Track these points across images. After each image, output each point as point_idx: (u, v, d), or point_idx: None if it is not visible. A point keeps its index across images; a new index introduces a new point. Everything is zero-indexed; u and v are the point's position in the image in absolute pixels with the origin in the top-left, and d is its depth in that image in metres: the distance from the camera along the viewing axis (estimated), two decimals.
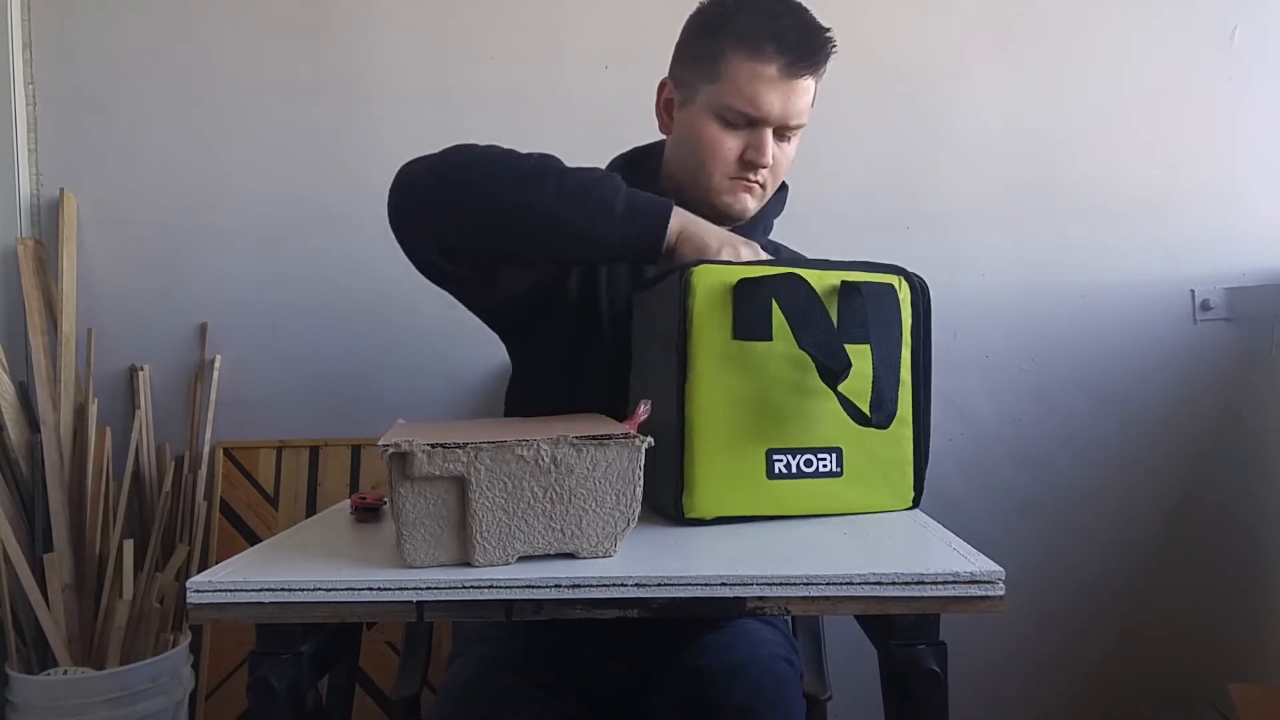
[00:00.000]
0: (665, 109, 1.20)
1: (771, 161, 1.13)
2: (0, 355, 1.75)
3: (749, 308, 0.91)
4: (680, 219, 1.02)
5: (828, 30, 1.11)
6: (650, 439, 0.80)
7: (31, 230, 1.86)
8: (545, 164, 1.05)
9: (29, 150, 1.87)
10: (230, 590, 0.75)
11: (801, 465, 0.92)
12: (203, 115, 1.87)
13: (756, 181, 1.14)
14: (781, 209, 1.30)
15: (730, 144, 1.12)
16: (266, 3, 1.87)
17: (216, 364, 1.87)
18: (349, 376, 1.88)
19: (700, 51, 1.12)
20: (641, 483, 0.79)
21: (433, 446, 0.75)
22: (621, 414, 0.88)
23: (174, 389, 1.88)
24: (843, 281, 0.94)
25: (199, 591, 0.75)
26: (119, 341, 1.87)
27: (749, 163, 1.12)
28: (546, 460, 0.77)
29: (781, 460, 0.92)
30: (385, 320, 1.87)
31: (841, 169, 1.85)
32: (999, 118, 1.85)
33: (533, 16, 1.88)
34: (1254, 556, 1.81)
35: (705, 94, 1.11)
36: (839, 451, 0.93)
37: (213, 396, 1.86)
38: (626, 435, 0.78)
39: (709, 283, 0.91)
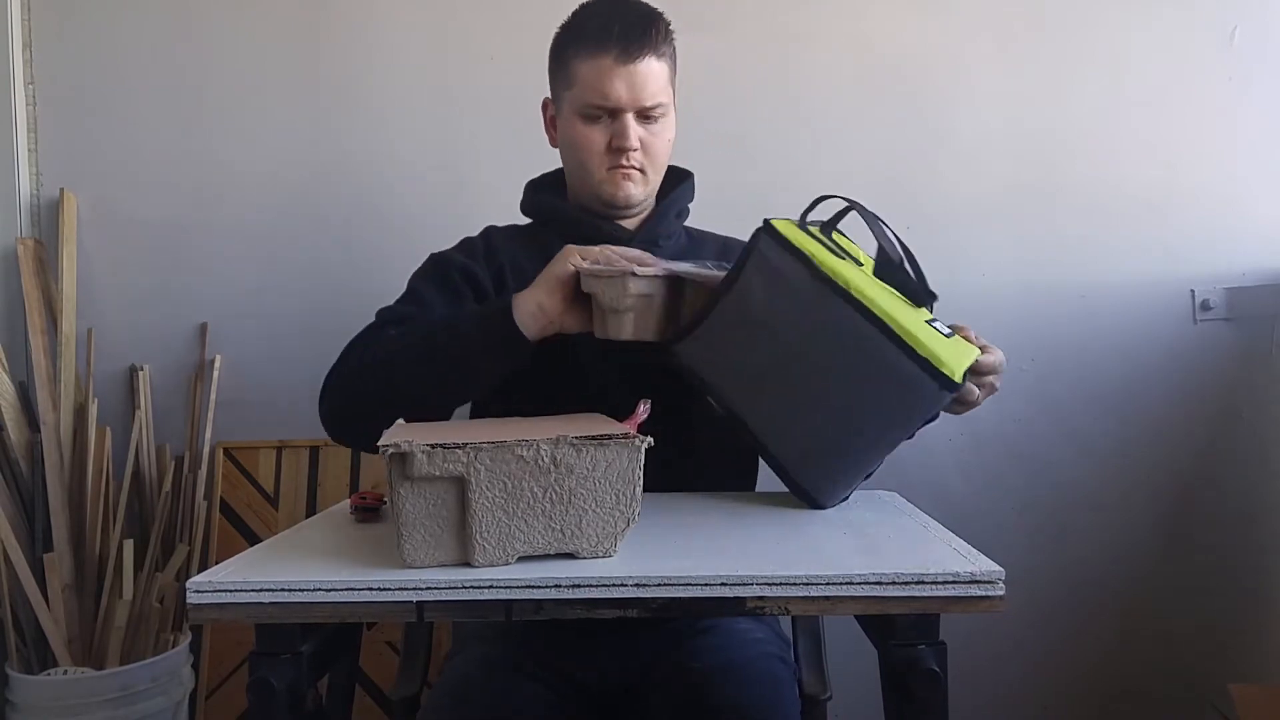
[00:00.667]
0: (550, 126, 1.31)
1: (638, 144, 1.21)
2: (0, 355, 1.75)
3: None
4: (521, 299, 1.08)
5: (659, 15, 1.22)
6: (650, 439, 0.80)
7: (31, 230, 1.86)
8: (395, 347, 1.15)
9: (29, 150, 1.87)
10: (230, 590, 0.75)
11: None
12: (203, 115, 1.87)
13: (632, 166, 1.22)
14: (690, 196, 1.36)
15: (596, 137, 1.21)
16: (266, 3, 1.86)
17: (216, 364, 1.87)
18: None
19: (557, 65, 1.26)
20: (641, 482, 0.79)
21: (432, 446, 0.75)
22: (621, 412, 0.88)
23: (174, 389, 1.88)
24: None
25: (199, 591, 0.75)
26: (119, 341, 1.87)
27: (617, 149, 1.21)
28: (546, 460, 0.77)
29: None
30: None
31: (841, 169, 1.85)
32: (999, 118, 1.85)
33: (533, 16, 1.86)
34: (1254, 556, 1.81)
35: (568, 100, 1.23)
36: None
37: (213, 396, 1.86)
38: (626, 435, 0.78)
39: (785, 228, 1.03)
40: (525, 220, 1.36)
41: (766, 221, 1.03)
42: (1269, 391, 1.80)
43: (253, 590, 0.75)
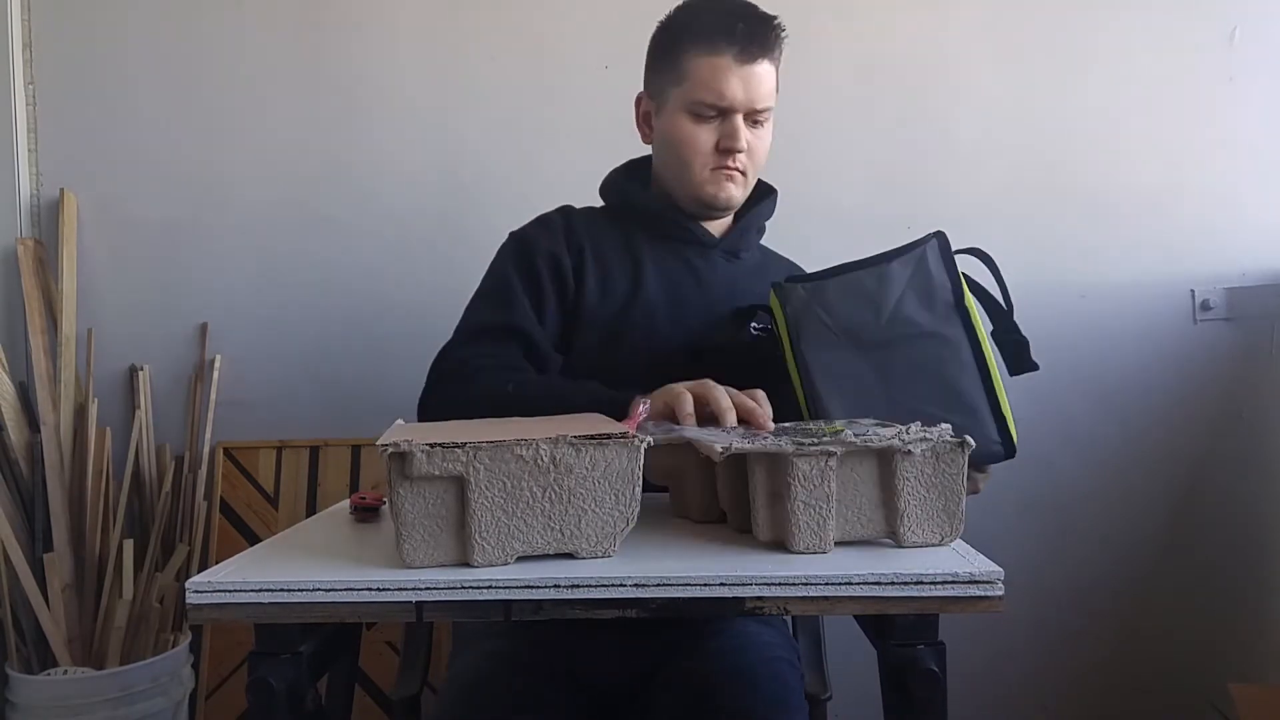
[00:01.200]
0: (645, 121, 1.29)
1: (746, 146, 1.20)
2: (0, 355, 1.75)
3: None
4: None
5: (775, 18, 1.20)
6: (650, 439, 0.80)
7: (31, 230, 1.86)
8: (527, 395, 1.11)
9: (29, 150, 1.87)
10: (230, 590, 0.75)
11: None
12: (203, 115, 1.88)
13: (736, 169, 1.21)
14: (771, 213, 1.34)
15: (705, 136, 1.20)
16: (266, 3, 1.87)
17: (216, 364, 1.87)
18: (349, 376, 1.88)
19: (664, 60, 1.23)
20: (640, 482, 0.79)
21: (431, 446, 0.75)
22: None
23: (174, 389, 1.88)
24: None
25: (199, 592, 0.75)
26: (119, 341, 1.87)
27: (725, 150, 1.20)
28: (545, 460, 0.77)
29: None
30: (385, 320, 1.87)
31: (841, 169, 1.85)
32: (999, 118, 1.85)
33: (533, 16, 1.88)
34: (1254, 556, 1.81)
35: (675, 96, 1.21)
36: None
37: (213, 396, 1.86)
38: (625, 435, 0.78)
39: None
40: (599, 204, 1.34)
41: (940, 232, 1.13)
42: (1269, 392, 1.80)
43: (252, 590, 0.75)
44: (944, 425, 0.84)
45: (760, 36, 1.17)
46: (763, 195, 1.32)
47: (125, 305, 1.88)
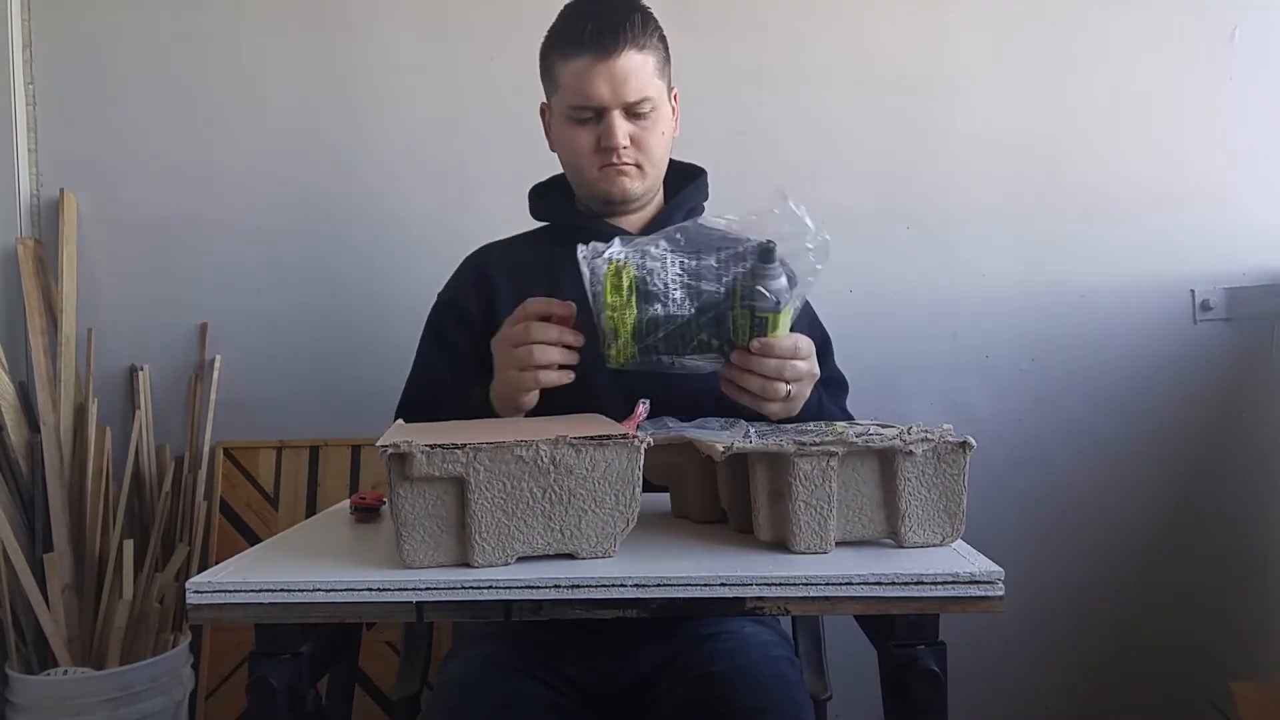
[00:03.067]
0: (547, 132, 1.31)
1: (627, 141, 1.20)
2: (0, 355, 1.75)
3: None
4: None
5: (630, 13, 1.18)
6: (649, 439, 0.79)
7: (31, 230, 1.86)
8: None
9: (29, 150, 1.87)
10: (230, 590, 0.75)
11: None
12: (203, 115, 1.87)
13: (625, 163, 1.21)
14: (703, 195, 1.35)
15: (586, 138, 1.21)
16: (266, 3, 1.87)
17: (216, 364, 1.87)
18: (349, 376, 1.88)
19: (544, 71, 1.26)
20: (641, 483, 0.79)
21: (432, 447, 0.75)
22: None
23: (174, 389, 1.88)
24: None
25: (199, 592, 0.75)
26: (119, 341, 1.87)
27: (606, 148, 1.20)
28: (545, 461, 0.77)
29: None
30: (385, 320, 1.87)
31: (841, 169, 1.85)
32: (999, 118, 1.85)
33: (533, 16, 1.87)
34: (1254, 556, 1.81)
35: (556, 104, 1.24)
36: None
37: (213, 396, 1.86)
38: (625, 436, 0.78)
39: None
40: (534, 225, 1.36)
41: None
42: (1269, 392, 1.80)
43: (252, 590, 0.75)
44: (946, 426, 0.84)
45: (615, 29, 1.16)
46: (687, 179, 1.33)
47: (125, 305, 1.88)
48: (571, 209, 1.31)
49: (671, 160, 1.34)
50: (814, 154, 1.85)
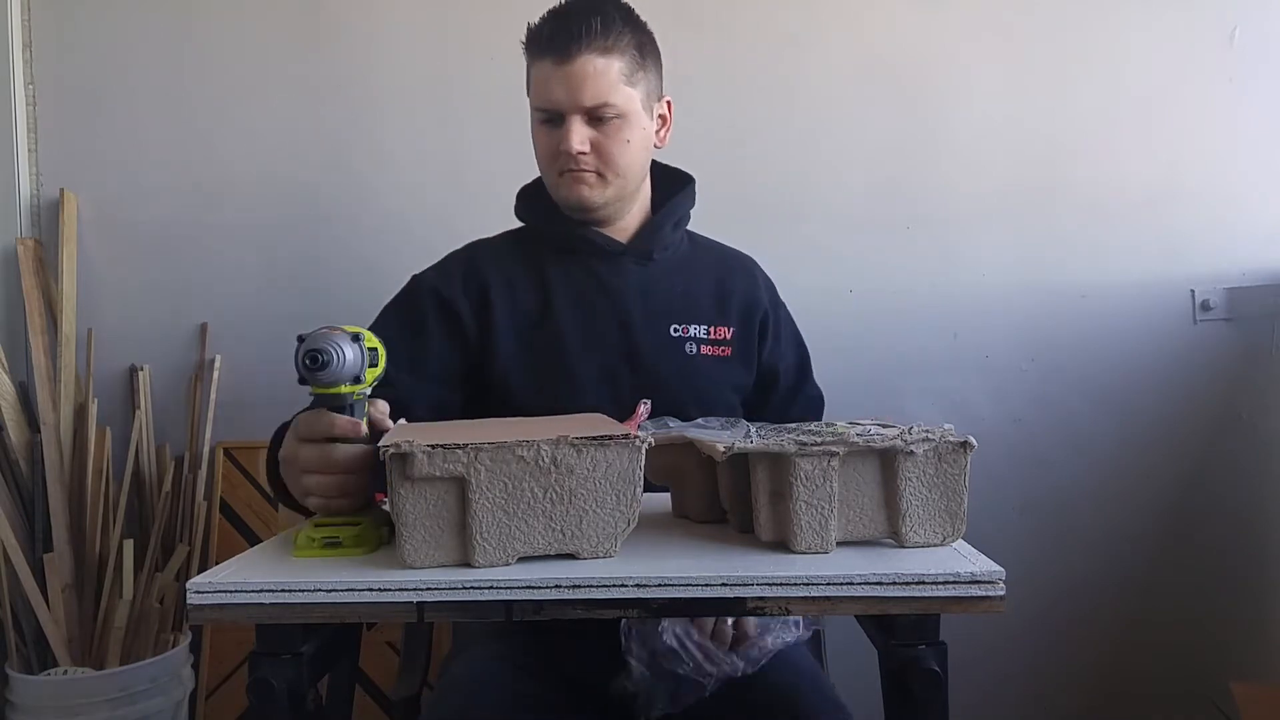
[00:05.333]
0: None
1: (584, 147, 1.17)
2: (0, 355, 1.75)
3: None
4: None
5: (603, 8, 1.16)
6: (650, 439, 0.79)
7: (31, 230, 1.86)
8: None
9: (29, 150, 1.86)
10: (230, 591, 0.75)
11: None
12: (203, 115, 1.87)
13: (583, 169, 1.19)
14: (692, 203, 1.32)
15: (546, 141, 1.20)
16: (266, 3, 1.86)
17: (216, 364, 1.87)
18: None
19: (527, 74, 1.24)
20: (642, 483, 0.79)
21: (433, 447, 0.75)
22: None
23: (174, 389, 1.88)
24: None
25: (199, 592, 0.75)
26: (119, 341, 1.87)
27: (562, 153, 1.18)
28: (546, 461, 0.77)
29: None
30: None
31: (841, 169, 1.85)
32: (999, 117, 1.85)
33: (533, 16, 1.87)
34: (1254, 556, 1.81)
35: (531, 107, 1.23)
36: None
37: (213, 396, 1.86)
38: (626, 436, 0.78)
39: None
40: (519, 224, 1.34)
41: None
42: (1269, 392, 1.80)
43: (253, 590, 0.75)
44: (947, 426, 0.84)
45: (574, 32, 1.14)
46: (674, 188, 1.30)
47: (125, 305, 1.88)
48: (555, 213, 1.27)
49: (662, 166, 1.32)
50: (814, 154, 1.85)
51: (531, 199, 1.31)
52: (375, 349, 0.89)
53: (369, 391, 0.88)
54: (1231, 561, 1.82)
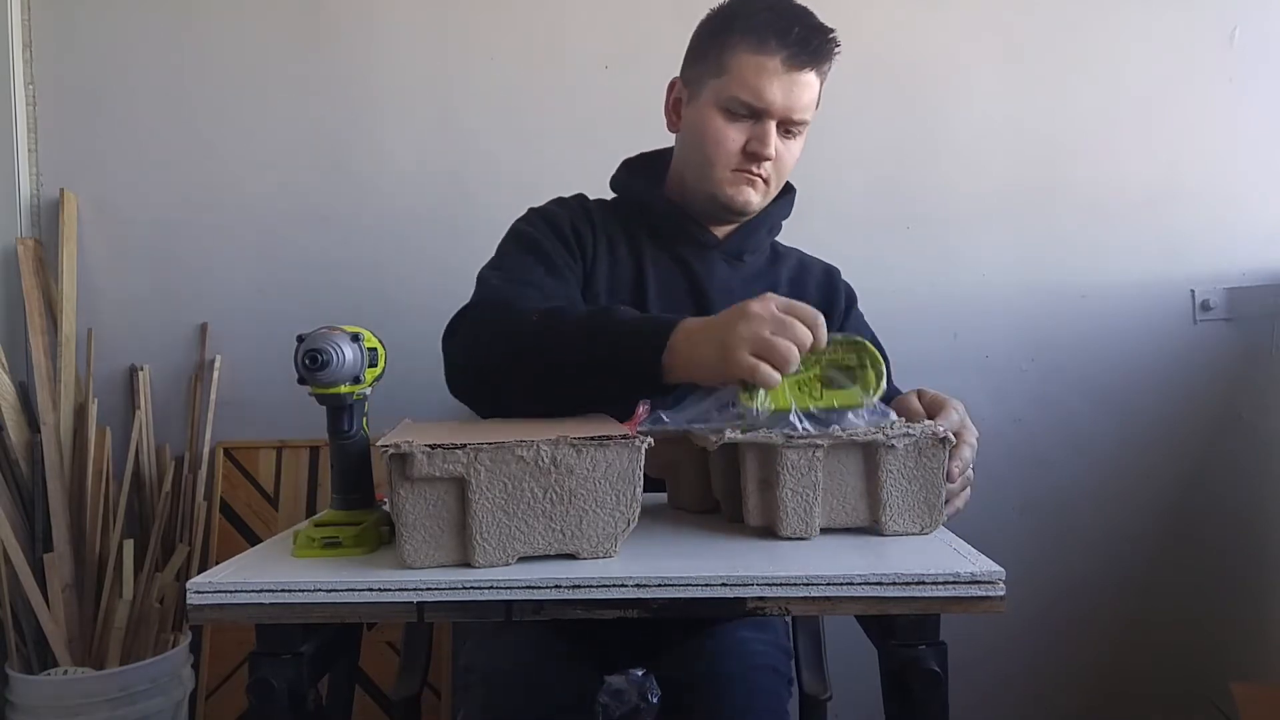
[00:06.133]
0: (674, 108, 1.24)
1: (775, 155, 1.15)
2: (0, 355, 1.75)
3: None
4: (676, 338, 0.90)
5: (832, 32, 1.14)
6: (650, 440, 0.80)
7: (31, 230, 1.86)
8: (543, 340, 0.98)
9: (29, 150, 1.86)
10: (230, 591, 0.75)
11: None
12: (203, 115, 1.87)
13: (759, 175, 1.17)
14: (788, 212, 1.31)
15: (734, 135, 1.15)
16: (266, 3, 1.86)
17: (216, 364, 1.87)
18: None
19: (708, 49, 1.16)
20: (641, 483, 0.79)
21: (432, 447, 0.75)
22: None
23: (174, 389, 1.88)
24: None
25: (199, 592, 0.75)
26: (119, 341, 1.87)
27: (752, 154, 1.15)
28: (546, 461, 0.77)
29: None
30: (385, 320, 1.85)
31: (841, 169, 1.85)
32: (999, 117, 1.85)
33: (533, 15, 1.87)
34: (1254, 556, 1.81)
35: (711, 88, 1.15)
36: None
37: (213, 396, 1.86)
38: (626, 436, 0.78)
39: None
40: (610, 196, 1.31)
41: None
42: (1269, 392, 1.80)
43: (253, 590, 0.75)
44: (928, 421, 0.88)
45: (814, 46, 1.12)
46: (778, 194, 1.28)
47: (125, 305, 1.88)
48: (660, 194, 1.24)
49: None
50: (814, 154, 1.84)
51: (637, 173, 1.28)
52: (375, 349, 0.89)
53: (369, 391, 0.89)
54: (1231, 561, 1.82)
